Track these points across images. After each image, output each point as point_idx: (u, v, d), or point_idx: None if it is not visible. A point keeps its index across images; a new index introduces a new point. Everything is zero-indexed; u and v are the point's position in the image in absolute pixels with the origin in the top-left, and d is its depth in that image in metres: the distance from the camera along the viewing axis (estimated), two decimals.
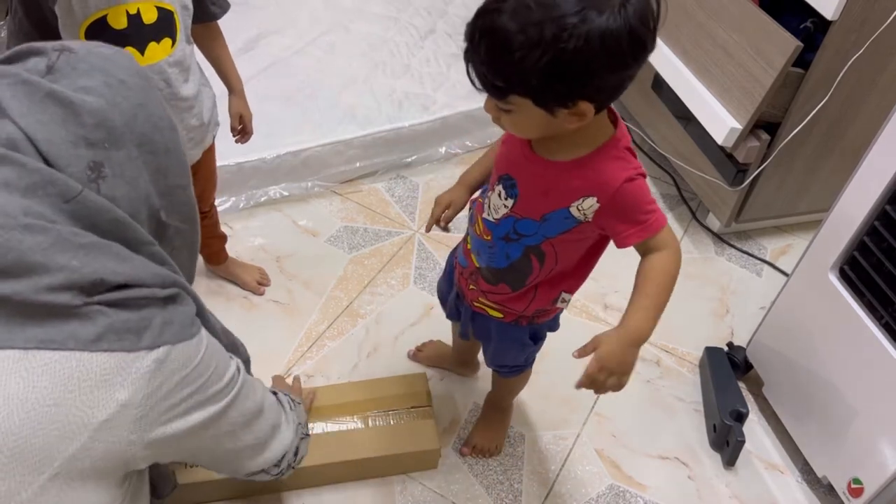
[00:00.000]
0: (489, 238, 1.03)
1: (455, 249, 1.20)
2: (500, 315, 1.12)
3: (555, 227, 0.96)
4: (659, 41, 0.75)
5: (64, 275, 0.62)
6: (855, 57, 1.43)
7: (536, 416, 1.46)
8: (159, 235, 0.76)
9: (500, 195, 0.99)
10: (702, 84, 1.65)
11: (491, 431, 1.39)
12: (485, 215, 1.03)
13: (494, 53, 0.78)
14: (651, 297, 0.95)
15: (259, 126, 1.87)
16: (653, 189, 1.99)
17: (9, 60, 0.71)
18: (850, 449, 1.25)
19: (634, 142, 2.10)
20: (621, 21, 0.75)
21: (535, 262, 1.01)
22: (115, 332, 0.65)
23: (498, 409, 1.40)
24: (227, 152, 1.75)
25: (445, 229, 1.16)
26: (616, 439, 1.44)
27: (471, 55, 0.81)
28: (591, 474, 1.39)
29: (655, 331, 1.63)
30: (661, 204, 1.95)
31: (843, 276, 1.23)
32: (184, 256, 0.83)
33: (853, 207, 1.19)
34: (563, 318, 1.64)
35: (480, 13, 0.80)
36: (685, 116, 1.76)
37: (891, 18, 1.38)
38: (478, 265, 1.08)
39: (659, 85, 1.82)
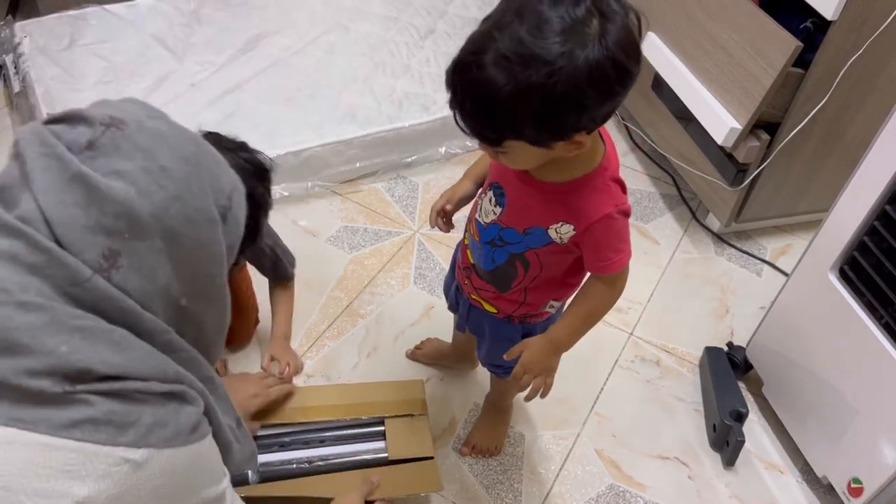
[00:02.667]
0: (478, 239, 1.05)
1: (458, 245, 1.21)
2: (494, 310, 1.13)
3: (536, 240, 0.97)
4: (659, 41, 0.76)
5: (49, 360, 0.59)
6: (855, 57, 1.43)
7: (536, 416, 1.46)
8: (180, 320, 0.71)
9: (490, 201, 1.01)
10: (702, 84, 1.65)
11: (491, 431, 1.40)
12: (477, 216, 1.05)
13: (482, 108, 0.79)
14: (581, 319, 1.01)
15: (259, 126, 1.87)
16: (652, 189, 1.99)
17: (59, 121, 0.68)
18: (850, 449, 1.25)
19: (634, 142, 2.10)
20: (604, 52, 0.74)
21: (519, 269, 1.02)
22: (93, 423, 0.60)
23: (497, 410, 1.40)
24: None
25: (447, 226, 1.14)
26: (616, 439, 1.44)
27: (457, 107, 0.81)
28: (591, 474, 1.39)
29: (655, 331, 1.63)
30: (661, 204, 1.95)
31: (843, 276, 1.23)
32: (209, 338, 0.77)
33: (853, 207, 1.19)
34: None
35: (459, 67, 0.80)
36: (685, 116, 1.76)
37: (890, 18, 1.38)
38: (472, 261, 1.10)
39: (659, 85, 1.82)
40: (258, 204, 1.10)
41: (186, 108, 1.87)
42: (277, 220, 1.79)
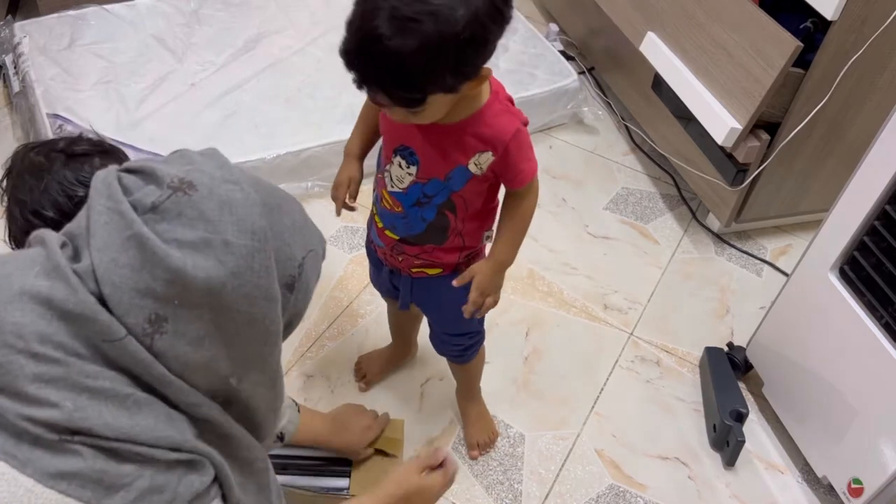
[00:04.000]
0: (400, 209, 1.07)
1: (368, 239, 1.23)
2: (440, 270, 1.14)
3: (458, 180, 1.02)
4: (659, 41, 0.77)
5: (50, 413, 0.58)
6: (855, 57, 1.43)
7: (536, 416, 1.46)
8: (228, 398, 0.69)
9: (400, 165, 1.04)
10: (702, 84, 1.65)
11: (479, 423, 1.40)
12: (390, 189, 1.08)
13: (404, 76, 0.82)
14: (515, 233, 1.10)
15: (259, 126, 1.87)
16: (653, 189, 1.99)
17: (133, 172, 0.67)
18: (850, 449, 1.25)
19: (634, 142, 2.10)
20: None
21: (449, 215, 1.07)
22: (81, 478, 0.58)
23: (471, 401, 1.40)
24: (227, 152, 1.75)
25: (352, 208, 1.19)
26: (616, 439, 1.44)
27: (371, 83, 0.86)
28: (591, 474, 1.39)
29: (655, 331, 1.63)
30: (661, 204, 1.95)
31: (843, 275, 1.23)
32: (258, 417, 0.74)
33: (853, 207, 1.19)
34: (564, 319, 1.64)
35: (363, 46, 0.82)
36: (685, 116, 1.76)
37: (891, 18, 1.38)
38: (396, 238, 1.12)
39: (659, 85, 1.82)
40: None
41: (186, 108, 1.87)
42: None
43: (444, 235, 1.09)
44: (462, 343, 1.27)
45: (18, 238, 1.02)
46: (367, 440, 1.28)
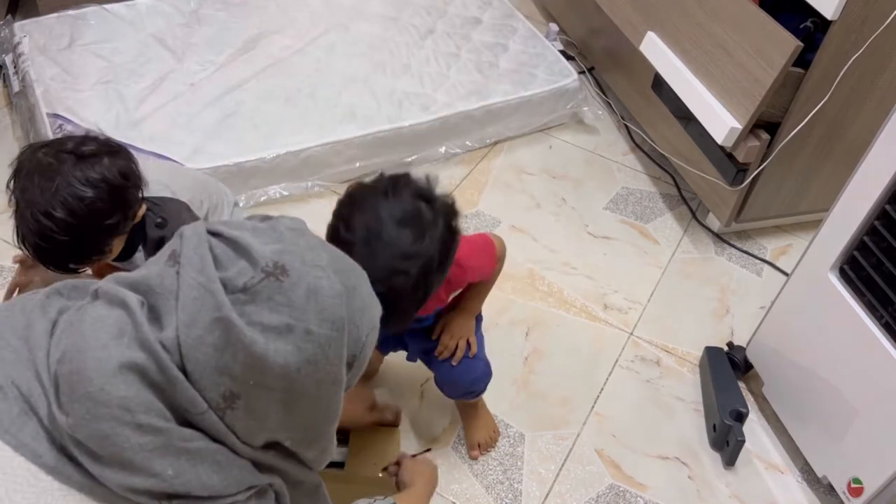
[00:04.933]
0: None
1: None
2: (426, 313, 1.22)
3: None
4: (659, 41, 0.77)
5: (153, 482, 0.63)
6: (855, 57, 1.43)
7: (536, 416, 1.46)
8: (282, 458, 0.74)
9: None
10: (702, 84, 1.65)
11: (480, 423, 1.40)
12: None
13: (408, 311, 0.96)
14: (484, 292, 1.26)
15: (259, 126, 1.87)
16: (653, 189, 1.99)
17: (222, 238, 0.69)
18: (850, 449, 1.25)
19: (634, 141, 2.10)
20: (443, 223, 0.96)
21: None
22: None
23: (474, 406, 1.40)
24: (227, 152, 1.76)
25: None
26: (616, 439, 1.44)
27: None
28: (591, 474, 1.39)
29: (655, 331, 1.63)
30: (661, 204, 1.95)
31: (844, 275, 1.23)
32: (312, 453, 0.78)
33: (853, 207, 1.19)
34: (564, 318, 1.64)
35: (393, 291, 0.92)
36: (685, 116, 1.76)
37: (890, 18, 1.38)
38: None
39: (659, 85, 1.82)
40: None
41: (186, 108, 1.87)
42: None
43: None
44: (472, 391, 1.29)
45: (28, 239, 1.02)
46: (365, 419, 1.29)
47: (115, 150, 1.09)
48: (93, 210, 1.01)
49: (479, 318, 1.32)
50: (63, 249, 1.02)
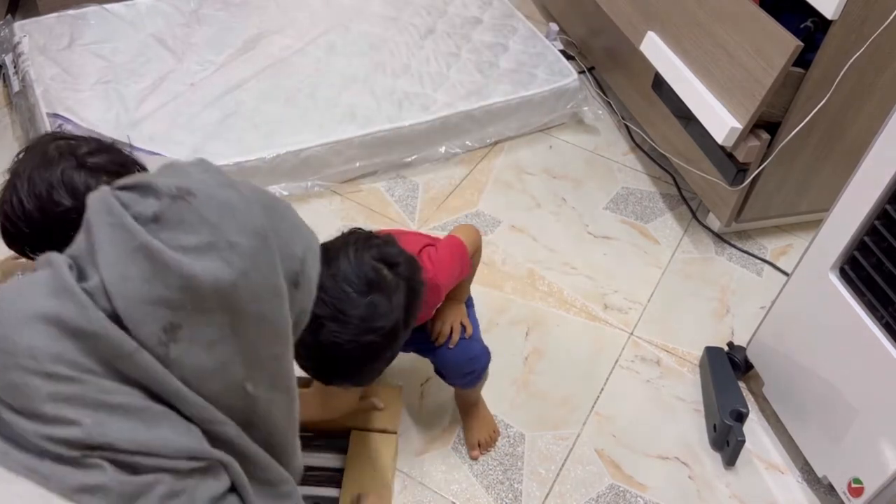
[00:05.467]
0: None
1: None
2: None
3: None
4: (659, 41, 0.77)
5: (68, 431, 0.60)
6: (855, 57, 1.43)
7: (536, 416, 1.46)
8: (248, 410, 0.70)
9: None
10: (702, 84, 1.65)
11: (480, 423, 1.40)
12: None
13: (379, 367, 1.02)
14: (470, 279, 1.30)
15: (259, 126, 1.87)
16: (653, 189, 1.99)
17: (128, 189, 0.67)
18: (850, 449, 1.25)
19: (635, 141, 2.10)
20: (405, 286, 0.99)
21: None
22: (103, 490, 0.60)
23: (473, 404, 1.41)
24: (227, 152, 1.76)
25: None
26: (616, 439, 1.44)
27: (333, 383, 1.03)
28: (591, 474, 1.39)
29: (655, 331, 1.63)
30: (661, 204, 1.95)
31: (844, 275, 1.23)
32: (280, 433, 0.75)
33: (853, 207, 1.18)
34: (564, 318, 1.64)
35: (319, 364, 0.98)
36: (685, 116, 1.76)
37: (890, 18, 1.38)
38: None
39: (659, 85, 1.82)
40: None
41: (186, 108, 1.87)
42: None
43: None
44: (473, 370, 1.28)
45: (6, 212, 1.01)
46: (355, 406, 1.30)
47: (118, 173, 1.10)
48: (64, 218, 0.99)
49: (470, 303, 1.33)
50: (23, 238, 1.02)
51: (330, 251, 0.98)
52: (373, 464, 1.25)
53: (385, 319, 0.95)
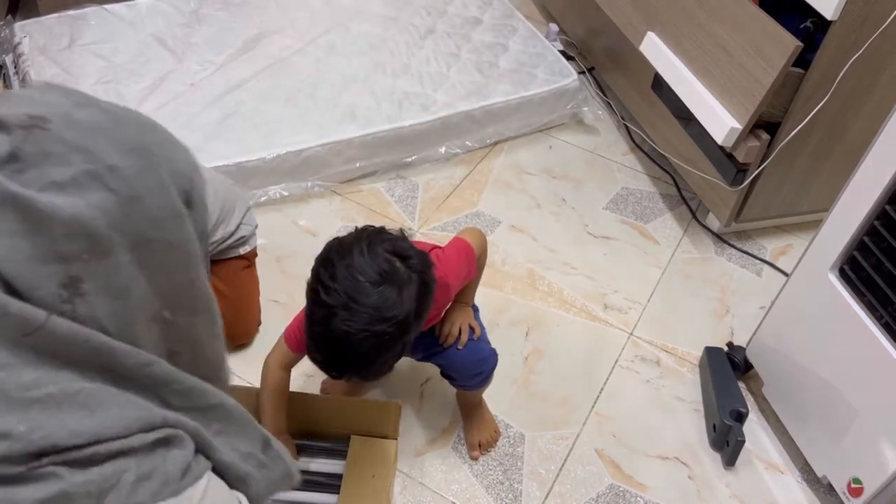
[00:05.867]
0: None
1: None
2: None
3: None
4: (659, 41, 0.77)
5: (5, 445, 0.50)
6: (855, 57, 1.43)
7: (536, 416, 1.46)
8: (170, 338, 0.63)
9: None
10: (702, 84, 1.65)
11: (481, 424, 1.40)
12: None
13: (389, 362, 1.02)
14: (477, 282, 1.29)
15: (259, 126, 1.87)
16: (652, 189, 1.99)
17: None
18: (850, 449, 1.25)
19: (634, 142, 2.10)
20: (417, 279, 0.99)
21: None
22: (65, 498, 0.52)
23: (475, 405, 1.41)
24: (227, 152, 1.76)
25: None
26: (616, 439, 1.44)
27: (347, 377, 1.07)
28: (591, 474, 1.39)
29: (655, 331, 1.63)
30: (661, 204, 1.95)
31: (843, 275, 1.23)
32: (207, 352, 0.68)
33: (853, 207, 1.19)
34: (564, 318, 1.65)
35: (330, 356, 0.99)
36: (685, 116, 1.76)
37: (890, 18, 1.38)
38: None
39: (659, 85, 1.82)
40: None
41: (186, 108, 1.87)
42: (277, 220, 1.79)
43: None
44: (482, 371, 1.28)
45: None
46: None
47: None
48: None
49: (475, 310, 1.33)
50: None
51: (343, 244, 0.99)
52: (372, 470, 1.25)
53: (397, 309, 0.95)
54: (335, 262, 0.97)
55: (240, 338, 1.51)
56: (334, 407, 1.31)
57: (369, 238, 0.99)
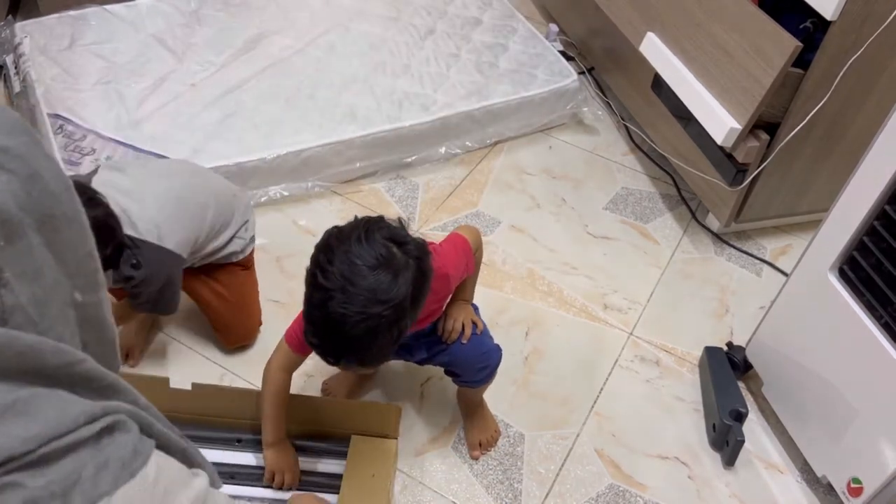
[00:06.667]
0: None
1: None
2: (422, 326, 1.24)
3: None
4: (659, 41, 0.77)
5: None
6: (855, 57, 1.43)
7: (536, 416, 1.46)
8: (81, 324, 0.61)
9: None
10: (701, 84, 1.65)
11: (482, 423, 1.40)
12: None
13: (385, 348, 1.01)
14: (475, 278, 1.30)
15: (259, 126, 1.87)
16: (652, 189, 1.99)
17: None
18: (850, 448, 1.25)
19: (634, 142, 2.11)
20: (414, 265, 1.01)
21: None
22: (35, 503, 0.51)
23: (476, 405, 1.41)
24: (228, 152, 1.76)
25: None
26: (616, 439, 1.44)
27: (344, 364, 1.05)
28: (591, 474, 1.39)
29: (655, 331, 1.63)
30: (660, 204, 1.95)
31: (843, 276, 1.23)
32: (108, 335, 0.67)
33: (853, 207, 1.19)
34: (564, 318, 1.65)
35: (327, 340, 1.00)
36: (685, 116, 1.76)
37: (890, 18, 1.38)
38: None
39: (658, 85, 1.82)
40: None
41: (186, 109, 1.87)
42: (277, 220, 1.79)
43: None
44: (487, 364, 1.28)
45: None
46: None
47: (95, 202, 1.12)
48: None
49: (475, 308, 1.33)
50: None
51: (342, 231, 1.01)
52: (372, 469, 1.25)
53: (392, 293, 0.96)
54: (334, 247, 0.99)
55: (242, 338, 1.52)
56: (335, 408, 1.31)
57: (367, 225, 1.02)
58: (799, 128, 1.54)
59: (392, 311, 0.96)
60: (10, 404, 0.52)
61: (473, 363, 1.27)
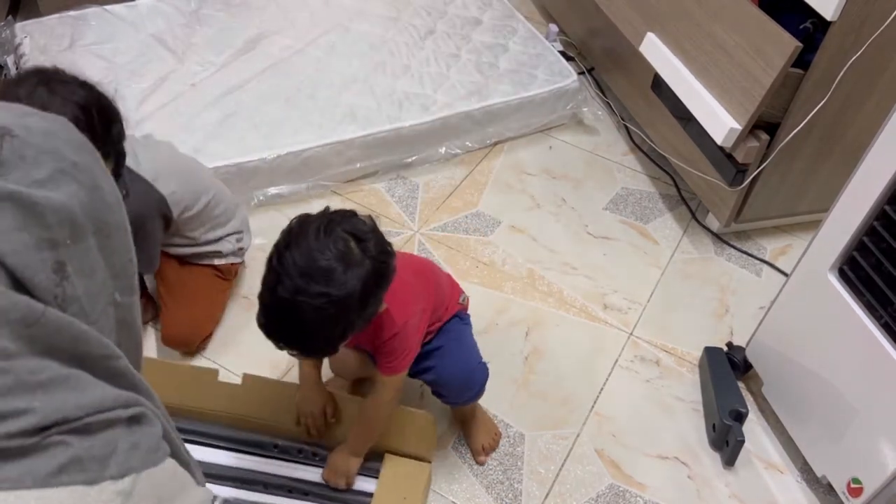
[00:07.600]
0: None
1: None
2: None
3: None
4: (659, 41, 0.77)
5: (24, 420, 0.56)
6: (855, 57, 1.43)
7: (536, 416, 1.46)
8: (118, 324, 0.69)
9: None
10: (701, 84, 1.65)
11: (481, 429, 1.40)
12: None
13: (330, 341, 1.02)
14: (365, 428, 1.24)
15: (259, 126, 1.87)
16: (652, 189, 1.99)
17: None
18: (850, 448, 1.25)
19: (634, 142, 2.11)
20: (370, 265, 1.00)
21: None
22: (77, 462, 0.57)
23: (470, 416, 1.40)
24: (228, 152, 1.76)
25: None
26: (616, 439, 1.45)
27: (287, 350, 1.03)
28: (591, 474, 1.39)
29: (655, 331, 1.64)
30: (660, 204, 1.95)
31: (843, 276, 1.23)
32: (136, 338, 0.74)
33: (852, 207, 1.19)
34: (564, 318, 1.65)
35: (272, 322, 1.00)
36: (685, 116, 1.76)
37: (890, 18, 1.38)
38: None
39: (658, 85, 1.83)
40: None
41: (186, 109, 1.87)
42: (277, 220, 1.79)
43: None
44: (472, 387, 1.29)
45: None
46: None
47: (87, 85, 1.17)
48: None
49: (466, 320, 1.33)
50: None
51: (308, 219, 1.03)
52: (404, 491, 1.24)
53: (340, 287, 0.97)
54: (294, 233, 1.01)
55: (176, 341, 1.48)
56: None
57: (331, 216, 1.03)
58: (799, 128, 1.54)
59: (336, 305, 0.97)
60: (65, 377, 0.60)
61: (458, 384, 1.28)
